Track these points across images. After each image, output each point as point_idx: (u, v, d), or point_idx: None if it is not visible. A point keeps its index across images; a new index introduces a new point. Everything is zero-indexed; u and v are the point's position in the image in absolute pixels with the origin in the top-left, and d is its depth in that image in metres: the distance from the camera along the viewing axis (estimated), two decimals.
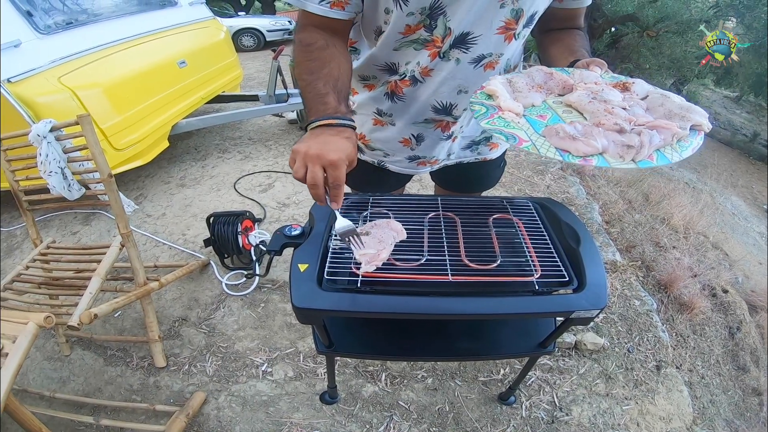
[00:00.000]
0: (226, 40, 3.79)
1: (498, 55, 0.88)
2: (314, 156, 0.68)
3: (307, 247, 0.80)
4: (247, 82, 5.62)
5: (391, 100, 0.99)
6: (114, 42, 2.71)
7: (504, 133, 0.69)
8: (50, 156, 1.44)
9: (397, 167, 1.14)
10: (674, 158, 0.65)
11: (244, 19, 9.51)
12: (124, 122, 2.57)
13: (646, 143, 0.64)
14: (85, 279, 1.50)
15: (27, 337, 0.97)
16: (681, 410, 1.67)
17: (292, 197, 2.82)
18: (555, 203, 0.97)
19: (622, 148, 0.65)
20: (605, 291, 0.76)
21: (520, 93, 0.79)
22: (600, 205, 2.93)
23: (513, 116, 0.73)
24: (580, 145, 0.65)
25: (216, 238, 2.01)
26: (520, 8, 0.81)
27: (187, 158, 3.41)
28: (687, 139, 0.67)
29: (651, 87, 0.79)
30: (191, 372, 1.68)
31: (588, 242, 0.83)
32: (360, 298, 0.72)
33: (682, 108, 0.71)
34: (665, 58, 6.78)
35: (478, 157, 1.17)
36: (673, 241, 2.97)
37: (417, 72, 0.91)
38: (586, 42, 0.96)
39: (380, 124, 1.06)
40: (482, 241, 0.86)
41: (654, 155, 0.65)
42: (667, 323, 2.24)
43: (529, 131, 0.70)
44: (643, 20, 6.37)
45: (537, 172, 3.25)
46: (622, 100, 0.75)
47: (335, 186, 0.70)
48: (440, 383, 1.64)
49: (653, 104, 0.74)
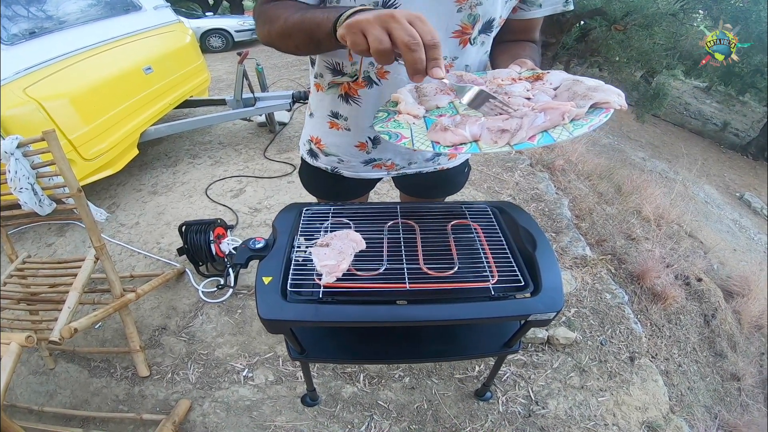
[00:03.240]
0: (192, 44, 3.75)
1: (452, 58, 0.87)
2: (394, 14, 0.56)
3: (271, 260, 0.82)
4: (216, 84, 5.56)
5: (345, 101, 0.96)
6: (79, 50, 2.66)
7: (389, 133, 0.71)
8: (19, 173, 1.43)
9: (351, 173, 1.12)
10: (562, 137, 0.62)
11: (212, 20, 9.40)
12: (92, 132, 2.54)
13: (526, 125, 0.62)
14: (63, 293, 1.50)
15: (11, 357, 1.00)
16: (656, 399, 1.73)
17: (263, 202, 2.82)
18: (513, 207, 1.00)
19: (497, 134, 0.63)
20: (561, 294, 0.79)
21: (426, 97, 0.80)
22: (570, 200, 2.99)
23: (410, 118, 0.74)
24: (449, 135, 0.65)
25: (189, 247, 2.01)
26: (477, 14, 0.81)
27: (158, 165, 3.38)
28: (587, 117, 0.65)
29: (567, 75, 0.77)
30: (174, 380, 1.69)
31: (544, 246, 0.86)
32: (322, 308, 0.74)
33: (589, 89, 0.69)
34: (634, 51, 6.91)
35: (437, 167, 1.17)
36: (645, 233, 3.05)
37: (372, 73, 0.88)
38: (536, 53, 0.95)
39: (336, 128, 1.03)
40: (441, 248, 0.88)
41: (537, 136, 0.63)
42: (641, 314, 2.31)
43: (415, 130, 0.71)
44: (611, 14, 6.47)
45: (506, 168, 3.31)
46: (529, 90, 0.74)
47: (434, 43, 0.57)
48: (417, 382, 1.68)
49: (561, 90, 0.73)
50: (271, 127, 3.84)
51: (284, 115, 4.02)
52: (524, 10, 0.91)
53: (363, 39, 0.58)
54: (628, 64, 7.35)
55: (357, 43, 0.58)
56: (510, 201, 1.21)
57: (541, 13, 0.92)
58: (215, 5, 14.65)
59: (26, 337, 1.06)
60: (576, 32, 7.76)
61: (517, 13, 0.92)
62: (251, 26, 9.22)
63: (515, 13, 0.91)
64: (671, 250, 2.98)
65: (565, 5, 0.91)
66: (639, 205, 3.36)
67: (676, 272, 2.75)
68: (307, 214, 0.97)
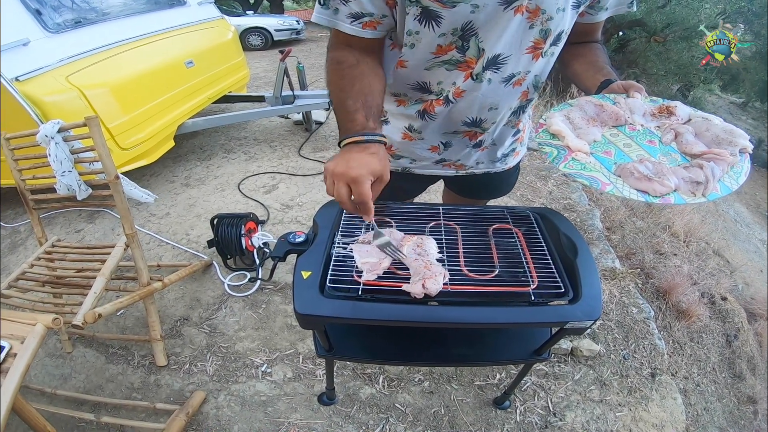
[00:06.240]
0: (233, 40, 3.81)
1: (525, 72, 0.89)
2: (339, 174, 0.73)
3: (311, 255, 0.82)
4: (254, 82, 5.64)
5: (422, 118, 1.00)
6: (122, 41, 2.74)
7: (585, 177, 0.74)
8: (58, 156, 1.46)
9: (422, 171, 1.15)
10: (734, 187, 0.69)
11: (252, 18, 9.56)
12: (131, 122, 2.59)
13: (710, 177, 0.68)
14: (90, 278, 1.53)
15: (35, 338, 1.00)
16: (674, 417, 1.68)
17: (296, 199, 2.84)
18: (555, 214, 0.99)
19: (692, 185, 0.69)
20: (600, 303, 0.77)
21: (580, 129, 0.83)
22: (602, 212, 2.94)
23: (584, 156, 0.77)
24: (656, 186, 0.69)
25: (219, 240, 2.03)
26: (549, 28, 0.82)
27: (193, 158, 3.43)
28: (737, 164, 0.71)
29: (690, 109, 0.84)
30: (192, 371, 1.70)
31: (585, 254, 0.84)
32: (360, 305, 0.74)
33: (726, 132, 0.75)
34: (672, 63, 6.77)
35: (504, 167, 1.19)
36: (674, 248, 2.98)
37: (450, 93, 0.91)
38: (606, 56, 0.99)
39: (409, 139, 1.06)
40: (481, 251, 0.87)
41: (717, 186, 0.68)
42: (664, 331, 2.25)
43: (605, 172, 0.74)
44: (651, 25, 6.36)
45: (540, 177, 3.26)
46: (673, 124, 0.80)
47: (360, 202, 0.74)
48: (437, 387, 1.66)
49: (699, 129, 0.78)
50: (307, 125, 3.87)
51: (321, 114, 4.05)
52: (591, 15, 0.93)
53: (332, 184, 0.75)
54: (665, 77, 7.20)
55: (326, 184, 0.76)
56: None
57: (607, 15, 0.94)
58: (255, 4, 14.93)
59: (53, 319, 1.06)
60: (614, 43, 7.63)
61: (584, 18, 0.93)
62: (290, 26, 9.40)
63: (582, 17, 0.92)
64: (698, 268, 2.90)
65: (629, 6, 0.92)
66: (670, 220, 3.28)
67: (702, 290, 2.69)
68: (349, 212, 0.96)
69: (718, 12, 5.86)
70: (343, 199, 0.73)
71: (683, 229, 3.24)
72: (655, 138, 0.81)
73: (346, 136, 0.78)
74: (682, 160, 0.75)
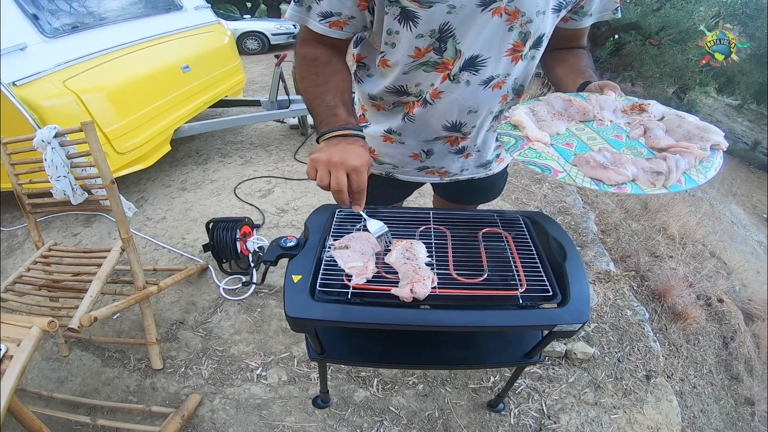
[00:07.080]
0: (230, 44, 3.82)
1: (505, 75, 0.89)
2: (337, 162, 0.73)
3: (302, 259, 0.82)
4: (250, 86, 5.65)
5: (401, 120, 1.00)
6: (119, 46, 2.74)
7: (538, 165, 0.72)
8: (55, 161, 1.47)
9: (406, 177, 1.16)
10: (700, 180, 0.67)
11: (249, 23, 9.55)
12: (127, 126, 2.60)
13: (674, 168, 0.66)
14: (86, 282, 1.53)
15: (31, 341, 1.00)
16: (669, 419, 1.69)
17: (291, 203, 2.85)
18: (544, 217, 0.99)
19: (652, 175, 0.67)
20: (588, 306, 0.78)
21: (544, 122, 0.82)
22: (596, 215, 2.95)
23: (542, 146, 0.75)
24: (611, 174, 0.67)
25: (215, 244, 2.03)
26: (528, 31, 0.82)
27: (189, 162, 3.44)
28: (708, 159, 0.69)
29: (665, 107, 0.82)
30: (187, 374, 1.71)
31: (574, 257, 0.85)
32: (350, 309, 0.75)
33: (699, 128, 0.73)
34: (667, 66, 6.83)
35: (488, 173, 1.19)
36: (669, 251, 2.99)
37: (428, 94, 0.92)
38: (591, 61, 0.99)
39: (390, 141, 1.07)
40: (471, 255, 0.88)
41: (682, 178, 0.67)
42: (660, 333, 2.26)
43: (560, 161, 0.73)
44: (646, 29, 6.42)
45: (534, 180, 3.27)
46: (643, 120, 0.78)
47: (359, 191, 0.75)
48: (431, 390, 1.66)
49: (671, 125, 0.76)
50: (303, 129, 3.88)
51: None
52: (575, 20, 0.93)
53: (315, 172, 0.75)
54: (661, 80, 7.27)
55: (309, 173, 0.77)
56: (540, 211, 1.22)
57: (591, 21, 0.93)
58: (253, 8, 14.96)
59: (48, 322, 1.06)
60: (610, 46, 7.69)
61: (567, 23, 0.93)
62: (287, 30, 9.35)
63: (566, 23, 0.93)
64: (694, 270, 2.91)
65: (614, 13, 0.93)
66: (665, 222, 3.30)
67: (698, 292, 2.70)
68: (340, 215, 0.97)
69: (712, 15, 5.90)
70: (341, 188, 0.73)
71: (679, 231, 3.26)
72: (622, 133, 0.80)
73: (331, 129, 0.79)
74: (648, 155, 0.74)
